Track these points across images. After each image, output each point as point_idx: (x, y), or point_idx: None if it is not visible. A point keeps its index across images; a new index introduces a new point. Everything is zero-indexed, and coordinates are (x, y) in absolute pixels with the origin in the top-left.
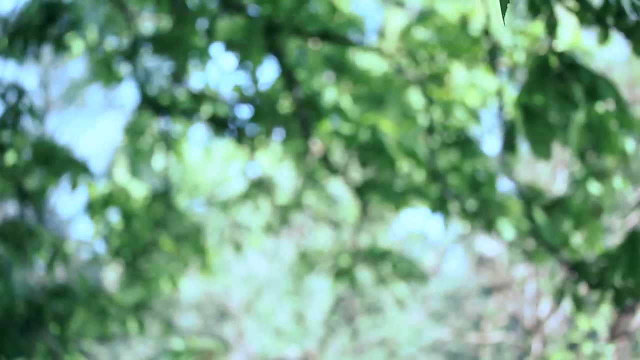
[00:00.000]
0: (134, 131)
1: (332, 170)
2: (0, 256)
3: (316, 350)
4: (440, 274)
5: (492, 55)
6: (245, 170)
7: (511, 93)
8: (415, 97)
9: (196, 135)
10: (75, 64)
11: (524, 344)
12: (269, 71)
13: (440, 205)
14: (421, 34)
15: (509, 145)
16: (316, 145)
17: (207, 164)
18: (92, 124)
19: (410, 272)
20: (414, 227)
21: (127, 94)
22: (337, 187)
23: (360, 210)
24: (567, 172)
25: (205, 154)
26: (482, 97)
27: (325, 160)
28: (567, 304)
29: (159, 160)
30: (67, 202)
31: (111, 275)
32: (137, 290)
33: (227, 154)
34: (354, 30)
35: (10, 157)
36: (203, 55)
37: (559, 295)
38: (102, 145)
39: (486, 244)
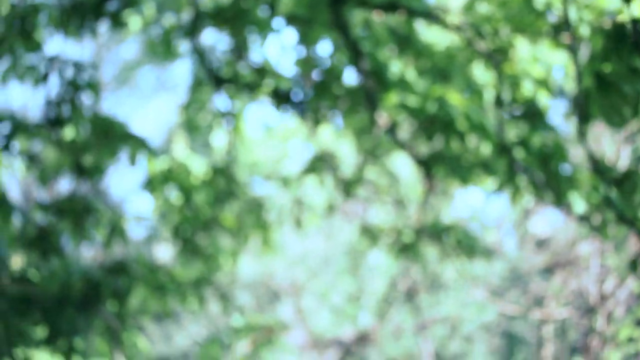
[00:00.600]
0: (192, 107)
1: (398, 143)
2: (58, 233)
3: (375, 327)
4: (502, 252)
5: (559, 29)
6: (307, 145)
7: (579, 66)
8: (479, 71)
9: (256, 112)
10: (128, 45)
11: (588, 321)
12: (331, 45)
13: (508, 179)
14: (485, 8)
15: (583, 115)
16: (382, 118)
17: (267, 140)
18: (144, 105)
19: (474, 248)
20: (476, 204)
21: (180, 73)
22: (398, 164)
23: (424, 185)
24: (631, 148)
25: (266, 130)
26: (546, 70)
27: (391, 132)
28: (634, 280)
29: (218, 137)
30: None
31: (165, 252)
32: (196, 266)
33: (288, 130)
34: (418, 2)
35: (68, 132)
36: (264, 29)
37: (631, 268)
38: (155, 127)
39: (540, 225)
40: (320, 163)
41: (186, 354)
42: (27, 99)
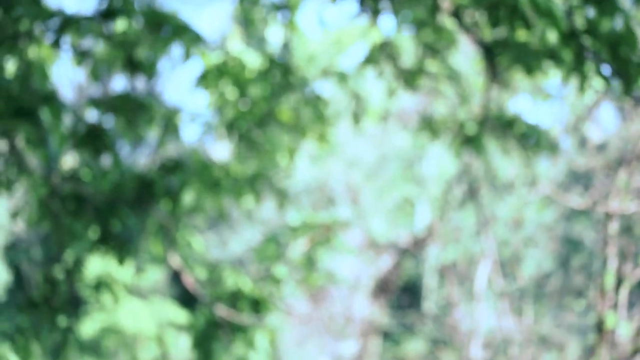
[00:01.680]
0: (247, 0)
1: (463, 26)
2: (110, 131)
3: (434, 228)
4: (563, 152)
5: None
6: (365, 37)
7: None
8: None
9: (312, 4)
10: None
11: None
12: None
13: (575, 68)
14: None
15: None
16: (446, 2)
17: (323, 34)
18: (198, 10)
19: (539, 142)
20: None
21: None
22: (459, 58)
23: (488, 74)
24: None
25: (323, 23)
26: None
27: (455, 17)
28: None
29: (273, 31)
30: (175, 79)
31: (220, 150)
32: (252, 162)
33: (345, 22)
34: None
35: (120, 25)
36: None
37: None
38: (210, 27)
39: (595, 129)
40: (380, 53)
41: (241, 259)
42: None
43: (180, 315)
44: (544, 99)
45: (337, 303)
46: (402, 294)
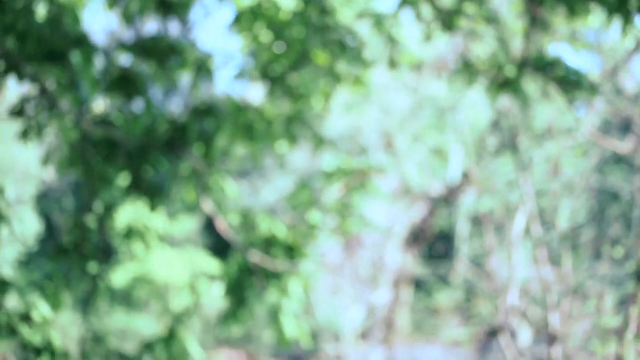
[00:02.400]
0: None
1: None
2: (142, 74)
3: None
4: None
5: None
6: None
7: None
8: None
9: None
10: None
11: None
12: None
13: (618, 9)
14: None
15: None
16: None
17: None
18: None
19: (580, 84)
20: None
21: None
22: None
23: (529, 17)
24: None
25: None
26: None
27: None
28: None
29: None
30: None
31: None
32: (287, 106)
33: None
34: None
35: None
36: None
37: None
38: None
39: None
40: None
41: (273, 208)
42: None
43: (213, 264)
44: (582, 48)
45: (370, 252)
46: (436, 243)
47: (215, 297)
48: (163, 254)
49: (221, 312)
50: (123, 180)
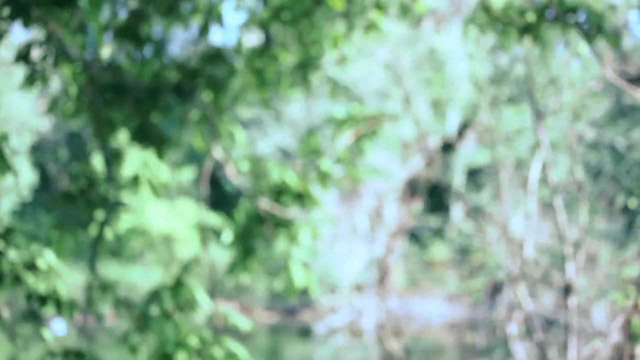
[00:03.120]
0: None
1: None
2: (151, 19)
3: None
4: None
5: None
6: None
7: None
8: None
9: None
10: None
11: None
12: None
13: None
14: None
15: None
16: None
17: None
18: None
19: (602, 28)
20: None
21: None
22: None
23: None
24: None
25: None
26: None
27: None
28: None
29: None
30: None
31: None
32: (298, 51)
33: None
34: None
35: None
36: None
37: None
38: None
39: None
40: None
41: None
42: None
43: (208, 216)
44: None
45: (367, 204)
46: (431, 197)
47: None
48: (158, 205)
49: (229, 261)
50: (131, 125)
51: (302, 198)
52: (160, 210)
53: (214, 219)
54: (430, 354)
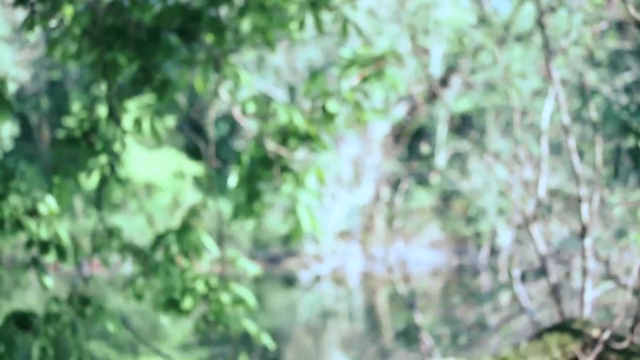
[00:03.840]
0: None
1: None
2: None
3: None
4: None
5: None
6: None
7: None
8: None
9: None
10: None
11: None
12: None
13: None
14: None
15: None
16: None
17: None
18: None
19: None
20: None
21: None
22: None
23: None
24: None
25: None
26: None
27: None
28: None
29: None
30: None
31: None
32: None
33: None
34: None
35: None
36: None
37: None
38: None
39: None
40: None
41: None
42: None
43: (188, 165)
44: None
45: (351, 151)
46: (414, 144)
47: (191, 198)
48: (139, 153)
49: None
50: (134, 67)
51: (309, 140)
52: (142, 159)
53: (195, 167)
54: (418, 300)
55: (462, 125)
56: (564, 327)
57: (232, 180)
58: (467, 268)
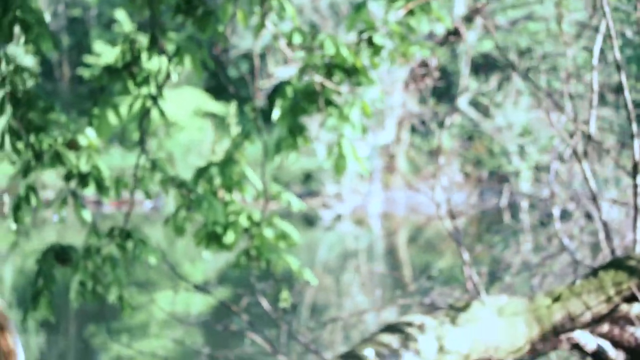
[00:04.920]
0: None
1: None
2: None
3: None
4: None
5: None
6: None
7: None
8: None
9: None
10: None
11: None
12: None
13: None
14: None
15: None
16: None
17: None
18: None
19: None
20: None
21: None
22: None
23: None
24: None
25: None
26: None
27: None
28: None
29: None
30: None
31: None
32: None
33: None
34: None
35: None
36: None
37: None
38: None
39: None
40: None
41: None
42: None
43: (212, 104)
44: None
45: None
46: (438, 85)
47: (210, 139)
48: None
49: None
50: None
51: (354, 74)
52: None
53: (217, 106)
54: (438, 241)
55: (485, 65)
56: (619, 264)
57: (275, 113)
58: (488, 209)
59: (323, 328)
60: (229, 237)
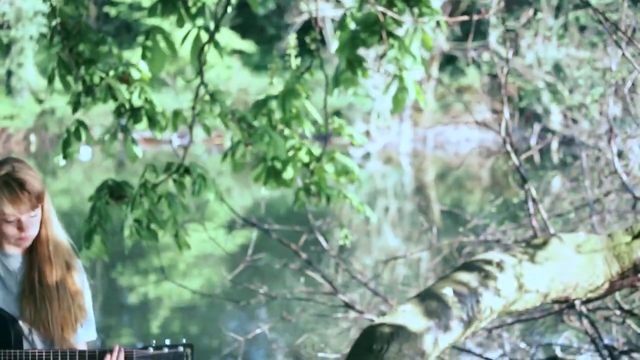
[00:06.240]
0: None
1: None
2: None
3: None
4: None
5: None
6: None
7: None
8: None
9: None
10: None
11: None
12: None
13: None
14: None
15: None
16: None
17: None
18: None
19: None
20: None
21: None
22: None
23: None
24: None
25: None
26: None
27: None
28: None
29: None
30: None
31: None
32: None
33: None
34: None
35: None
36: None
37: None
38: None
39: None
40: None
41: None
42: None
43: (239, 42)
44: None
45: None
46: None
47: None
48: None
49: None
50: None
51: (416, 3)
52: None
53: (244, 44)
54: (464, 180)
55: (515, 2)
56: None
57: (334, 45)
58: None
59: (382, 267)
60: (288, 173)
